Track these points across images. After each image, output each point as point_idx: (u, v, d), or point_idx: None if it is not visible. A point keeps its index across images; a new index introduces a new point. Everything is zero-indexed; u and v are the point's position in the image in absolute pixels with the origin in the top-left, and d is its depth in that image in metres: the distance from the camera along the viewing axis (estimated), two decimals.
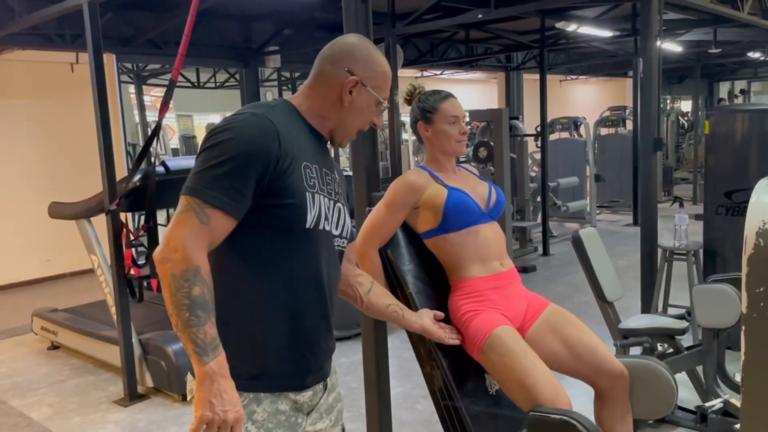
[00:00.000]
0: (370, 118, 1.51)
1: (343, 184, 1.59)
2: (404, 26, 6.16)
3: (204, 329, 1.21)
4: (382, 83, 1.50)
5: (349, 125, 1.50)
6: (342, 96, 1.45)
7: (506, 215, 5.80)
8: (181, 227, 1.24)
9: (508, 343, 1.93)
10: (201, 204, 1.24)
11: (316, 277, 1.41)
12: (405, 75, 9.26)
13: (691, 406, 3.13)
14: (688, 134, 13.40)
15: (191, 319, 1.20)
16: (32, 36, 5.74)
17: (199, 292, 1.21)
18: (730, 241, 3.99)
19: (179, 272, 1.21)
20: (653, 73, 3.85)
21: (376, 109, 1.50)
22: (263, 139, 1.29)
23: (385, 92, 1.51)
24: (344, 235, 1.53)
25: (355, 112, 1.48)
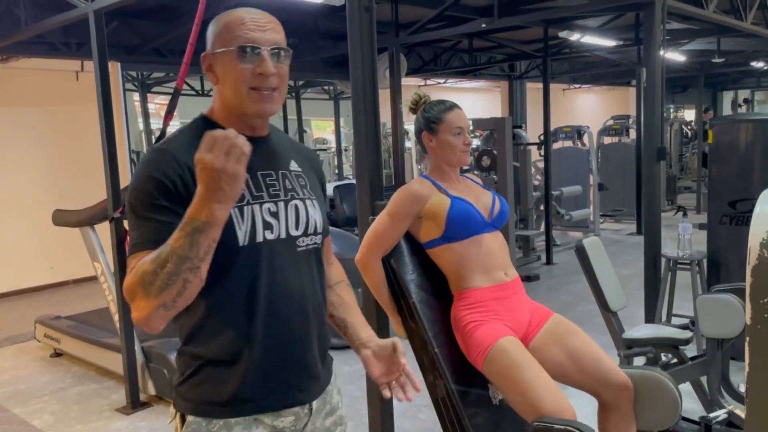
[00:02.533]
0: (241, 74, 1.26)
1: (313, 173, 1.45)
2: (408, 35, 6.18)
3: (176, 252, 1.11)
4: (228, 33, 1.28)
5: (234, 98, 1.29)
6: (212, 81, 1.33)
7: (509, 224, 5.80)
8: (125, 284, 1.17)
9: (511, 353, 1.92)
10: (134, 256, 1.19)
11: (274, 291, 1.29)
12: (408, 84, 9.27)
13: (695, 416, 3.11)
14: (692, 143, 13.40)
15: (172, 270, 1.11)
16: (38, 44, 5.78)
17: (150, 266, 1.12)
18: (734, 251, 3.97)
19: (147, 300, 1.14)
20: (657, 82, 3.85)
21: (238, 60, 1.26)
22: (156, 170, 1.21)
23: (237, 38, 1.27)
24: (311, 231, 1.37)
25: (226, 79, 1.29)
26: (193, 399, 1.29)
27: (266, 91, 1.29)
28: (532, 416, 1.85)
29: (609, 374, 2.01)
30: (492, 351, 1.95)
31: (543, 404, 1.83)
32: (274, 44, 1.30)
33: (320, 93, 12.21)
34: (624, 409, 2.02)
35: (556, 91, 14.40)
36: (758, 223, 1.20)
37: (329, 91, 12.10)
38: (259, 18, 1.31)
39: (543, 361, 2.01)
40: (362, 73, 2.57)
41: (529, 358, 1.93)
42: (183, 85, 3.59)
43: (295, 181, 1.38)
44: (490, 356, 1.95)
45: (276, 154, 1.39)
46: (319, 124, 14.39)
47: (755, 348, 1.18)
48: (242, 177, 1.11)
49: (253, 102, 1.29)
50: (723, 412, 2.97)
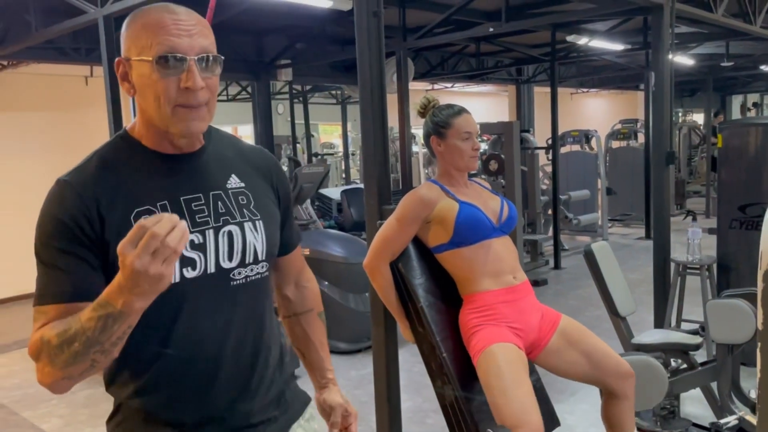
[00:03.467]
0: (164, 86, 1.06)
1: (261, 184, 1.25)
2: (415, 40, 6.18)
3: (84, 334, 0.97)
4: (144, 36, 1.06)
5: (151, 109, 1.09)
6: (126, 90, 1.12)
7: (517, 228, 5.78)
8: (31, 343, 1.06)
9: (498, 360, 1.95)
10: (39, 310, 1.07)
11: (194, 339, 1.12)
12: (415, 88, 9.29)
13: (705, 422, 3.09)
14: (701, 147, 13.33)
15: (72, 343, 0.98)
16: (48, 50, 5.82)
17: (55, 340, 1.01)
18: (745, 256, 3.94)
19: (52, 368, 1.03)
20: (665, 86, 3.84)
21: (159, 72, 1.06)
22: (57, 208, 1.08)
23: (157, 44, 1.06)
24: (250, 260, 1.18)
25: (142, 91, 1.09)
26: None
27: (194, 107, 1.09)
28: (497, 422, 1.91)
29: (619, 366, 2.12)
30: (483, 354, 1.98)
31: (504, 414, 1.88)
32: (202, 51, 1.09)
33: (328, 97, 12.24)
34: (630, 395, 2.14)
35: (563, 95, 14.37)
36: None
37: (337, 95, 12.12)
38: (183, 19, 1.08)
39: (563, 362, 2.10)
40: (370, 78, 2.57)
41: (514, 369, 1.95)
42: None
43: (233, 201, 1.18)
44: (480, 358, 1.99)
45: (208, 171, 1.18)
46: (327, 128, 14.42)
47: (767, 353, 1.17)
48: (169, 277, 0.92)
49: (179, 121, 1.09)
50: (733, 418, 2.95)
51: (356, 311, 4.74)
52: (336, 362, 4.75)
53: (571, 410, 3.52)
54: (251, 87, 8.11)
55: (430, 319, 2.06)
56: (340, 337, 4.82)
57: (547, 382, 2.36)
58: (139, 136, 1.16)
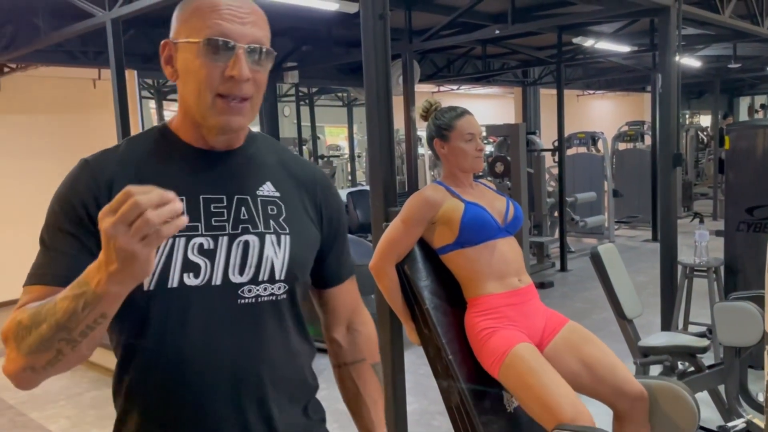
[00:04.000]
0: (207, 71, 0.99)
1: (297, 198, 1.12)
2: (421, 42, 6.19)
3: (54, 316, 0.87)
4: (195, 19, 1.00)
5: (192, 97, 1.01)
6: (169, 75, 1.05)
7: (523, 230, 5.78)
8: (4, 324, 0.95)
9: (528, 360, 1.91)
10: (26, 290, 0.98)
11: (188, 358, 0.98)
12: (421, 90, 9.28)
13: (713, 426, 3.08)
14: (708, 149, 13.28)
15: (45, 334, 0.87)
16: (56, 53, 5.86)
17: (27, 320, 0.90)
18: (752, 258, 3.93)
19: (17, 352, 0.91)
20: (672, 88, 3.83)
21: (205, 56, 0.98)
22: (70, 188, 1.01)
23: (206, 28, 0.99)
24: (264, 278, 1.03)
25: (185, 76, 1.02)
26: None
27: (235, 100, 1.00)
28: (550, 424, 1.83)
29: (624, 384, 1.99)
30: (508, 358, 1.94)
31: (561, 411, 1.81)
32: (253, 41, 1.01)
33: (334, 100, 12.27)
34: (639, 420, 2.00)
35: (570, 97, 14.33)
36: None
37: (343, 97, 12.14)
38: (238, 6, 1.01)
39: (560, 370, 1.99)
40: (376, 80, 2.58)
41: (545, 365, 1.92)
42: None
43: (259, 209, 1.06)
44: (506, 363, 1.94)
45: (239, 174, 1.07)
46: (333, 130, 14.44)
47: None
48: (147, 261, 0.80)
49: (218, 113, 1.00)
50: (741, 421, 2.94)
51: None
52: None
53: None
54: None
55: (435, 321, 2.06)
56: None
57: None
58: (176, 127, 1.07)
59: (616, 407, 2.02)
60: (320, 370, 1.17)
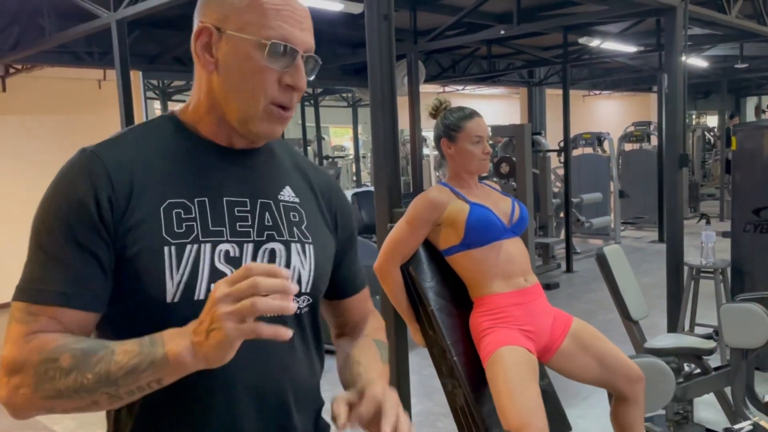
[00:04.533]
0: (262, 75, 0.90)
1: (315, 206, 1.04)
2: (426, 42, 6.18)
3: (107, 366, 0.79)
4: (255, 15, 0.90)
5: (238, 98, 0.91)
6: (204, 64, 0.92)
7: (529, 231, 5.76)
8: (11, 350, 0.82)
9: (505, 363, 1.95)
10: (28, 308, 0.84)
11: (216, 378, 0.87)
12: (427, 90, 9.28)
13: (719, 428, 3.06)
14: (714, 150, 13.23)
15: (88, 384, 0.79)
16: (61, 53, 5.88)
17: (68, 360, 0.80)
18: (759, 259, 3.91)
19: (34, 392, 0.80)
20: (678, 88, 3.81)
21: (264, 57, 0.89)
22: (78, 185, 0.86)
23: (269, 27, 0.90)
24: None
25: (234, 74, 0.91)
26: None
27: (288, 109, 0.94)
28: (504, 426, 1.91)
29: (630, 369, 2.12)
30: (492, 357, 1.98)
31: (509, 417, 1.87)
32: (309, 49, 0.95)
33: (338, 100, 12.27)
34: (640, 399, 2.14)
35: (575, 98, 14.32)
36: None
37: (347, 98, 12.15)
38: (297, 9, 0.94)
39: (575, 366, 2.09)
40: (381, 81, 2.58)
41: (522, 372, 1.95)
42: None
43: (283, 215, 0.98)
44: (489, 361, 1.99)
45: (262, 175, 1.00)
46: (337, 131, 14.45)
47: None
48: (232, 348, 0.76)
49: (267, 121, 0.93)
50: (748, 423, 2.91)
51: None
52: None
53: (583, 414, 3.50)
54: None
55: (440, 322, 2.05)
56: None
57: (560, 386, 2.34)
58: (193, 119, 0.96)
59: (624, 391, 2.12)
60: (324, 371, 1.14)
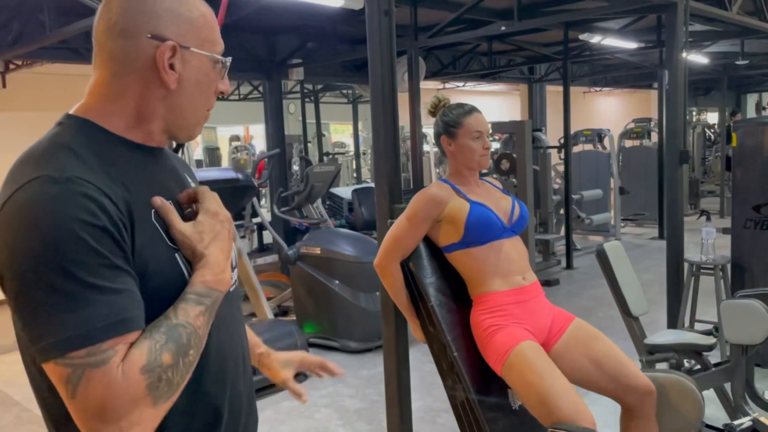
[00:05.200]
0: (212, 87, 1.00)
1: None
2: (427, 39, 6.17)
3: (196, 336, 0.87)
4: (208, 31, 0.98)
5: (191, 111, 0.99)
6: (162, 77, 0.94)
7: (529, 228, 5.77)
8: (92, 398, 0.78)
9: (530, 358, 1.91)
10: (91, 351, 0.78)
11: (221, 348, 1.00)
12: (427, 87, 9.27)
13: (719, 424, 3.06)
14: (715, 146, 13.23)
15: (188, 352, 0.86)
16: (61, 50, 5.87)
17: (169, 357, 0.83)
18: (759, 256, 3.91)
19: (155, 408, 0.82)
20: (679, 84, 3.81)
21: (214, 71, 0.99)
22: (98, 219, 0.82)
23: (217, 43, 1.00)
24: (234, 265, 1.07)
25: (191, 89, 0.97)
26: None
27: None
28: (548, 421, 1.84)
29: (633, 379, 2.00)
30: (511, 355, 1.94)
31: (560, 409, 1.81)
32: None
33: (339, 97, 12.26)
34: (648, 413, 2.01)
35: (576, 94, 14.31)
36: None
37: (348, 94, 12.14)
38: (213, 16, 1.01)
39: (566, 366, 2.01)
40: (381, 77, 2.57)
41: (548, 363, 1.91)
42: None
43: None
44: (509, 361, 1.94)
45: (174, 170, 1.06)
46: (338, 127, 14.45)
47: None
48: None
49: (201, 125, 1.02)
50: (747, 419, 2.92)
51: (367, 310, 4.74)
52: (347, 361, 4.78)
53: None
54: (263, 86, 8.13)
55: (440, 318, 2.05)
56: (350, 336, 4.83)
57: None
58: (119, 130, 0.96)
59: (625, 402, 2.02)
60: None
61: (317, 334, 4.94)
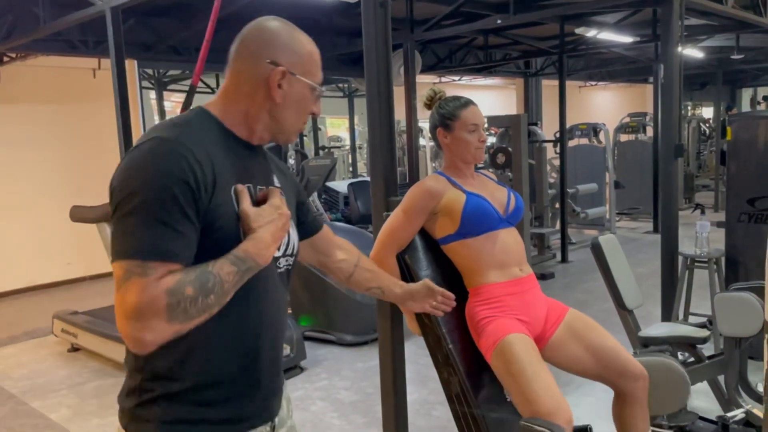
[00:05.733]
0: (307, 108, 1.32)
1: (289, 188, 1.42)
2: (423, 32, 6.16)
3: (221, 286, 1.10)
4: (311, 66, 1.31)
5: (289, 122, 1.30)
6: (271, 93, 1.26)
7: (525, 222, 5.77)
8: (138, 296, 1.03)
9: (516, 350, 1.93)
10: (143, 264, 1.05)
11: (255, 312, 1.24)
12: (423, 81, 9.25)
13: (712, 416, 3.08)
14: (710, 141, 13.26)
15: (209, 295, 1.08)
16: (56, 42, 5.84)
17: (192, 291, 1.06)
18: (753, 249, 3.92)
19: (169, 324, 1.05)
20: (674, 79, 3.81)
21: (311, 96, 1.31)
22: (178, 168, 1.09)
23: (317, 76, 1.32)
24: (290, 252, 1.34)
25: (291, 106, 1.29)
26: (158, 419, 1.20)
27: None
28: (527, 414, 1.87)
29: (627, 365, 2.06)
30: (499, 346, 1.96)
31: (539, 404, 1.84)
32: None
33: (334, 90, 12.24)
34: (641, 397, 2.07)
35: (571, 89, 14.30)
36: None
37: (344, 88, 12.12)
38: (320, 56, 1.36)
39: (563, 356, 2.06)
40: (377, 70, 2.57)
41: (533, 357, 1.93)
42: (198, 82, 3.61)
43: (283, 195, 1.35)
44: (497, 351, 1.97)
45: (265, 167, 1.35)
46: (334, 121, 14.42)
47: None
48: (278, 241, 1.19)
49: (296, 135, 1.37)
50: (741, 411, 2.94)
51: (363, 303, 4.75)
52: (342, 354, 4.79)
53: (576, 403, 3.52)
54: None
55: None
56: (346, 330, 4.83)
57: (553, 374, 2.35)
58: (229, 123, 1.27)
59: (620, 388, 2.07)
60: (320, 360, 1.22)
61: (313, 327, 4.95)
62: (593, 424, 2.00)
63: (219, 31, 2.47)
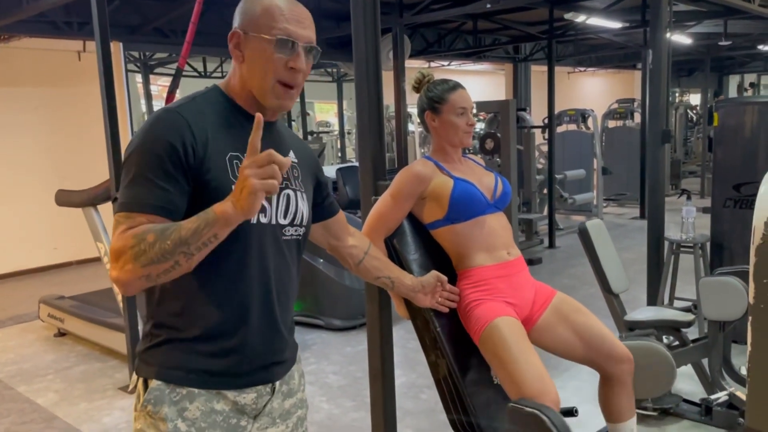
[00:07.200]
0: (272, 63, 1.29)
1: (306, 165, 1.49)
2: (412, 16, 6.13)
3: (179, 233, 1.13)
4: (267, 20, 1.29)
5: (257, 82, 1.31)
6: (235, 57, 1.33)
7: (512, 207, 5.79)
8: (116, 242, 1.17)
9: (504, 333, 1.94)
10: (128, 215, 1.19)
11: (252, 273, 1.31)
12: (412, 65, 9.21)
13: (696, 398, 3.13)
14: (697, 127, 13.33)
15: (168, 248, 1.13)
16: (39, 23, 5.75)
17: (152, 237, 1.14)
18: (738, 234, 3.97)
19: (134, 264, 1.14)
20: (662, 65, 3.82)
21: (273, 50, 1.28)
22: (169, 133, 1.21)
23: (276, 27, 1.28)
24: (297, 222, 1.40)
25: (253, 64, 1.31)
26: (159, 364, 1.29)
27: (290, 86, 1.32)
28: (514, 396, 1.88)
29: (613, 348, 2.07)
30: (487, 329, 1.97)
31: (526, 387, 1.85)
32: (309, 41, 1.33)
33: (323, 75, 12.15)
34: (626, 380, 2.09)
35: (560, 74, 14.30)
36: (763, 203, 1.20)
37: (332, 73, 12.04)
38: (299, 12, 1.33)
39: (550, 339, 2.07)
40: (365, 55, 2.55)
41: (521, 340, 1.94)
42: (185, 65, 3.57)
43: (291, 171, 1.41)
44: (485, 334, 1.97)
45: (277, 142, 1.40)
46: (323, 106, 14.34)
47: (758, 328, 1.18)
48: (258, 203, 1.11)
49: (276, 97, 1.32)
50: (724, 394, 2.99)
51: (351, 288, 4.76)
52: (331, 339, 4.80)
53: (563, 386, 3.56)
54: None
55: None
56: (335, 314, 4.84)
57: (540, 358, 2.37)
58: (234, 95, 1.35)
59: (606, 371, 2.09)
60: (309, 345, 1.23)
61: (301, 312, 4.96)
62: (579, 406, 2.02)
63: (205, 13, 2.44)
